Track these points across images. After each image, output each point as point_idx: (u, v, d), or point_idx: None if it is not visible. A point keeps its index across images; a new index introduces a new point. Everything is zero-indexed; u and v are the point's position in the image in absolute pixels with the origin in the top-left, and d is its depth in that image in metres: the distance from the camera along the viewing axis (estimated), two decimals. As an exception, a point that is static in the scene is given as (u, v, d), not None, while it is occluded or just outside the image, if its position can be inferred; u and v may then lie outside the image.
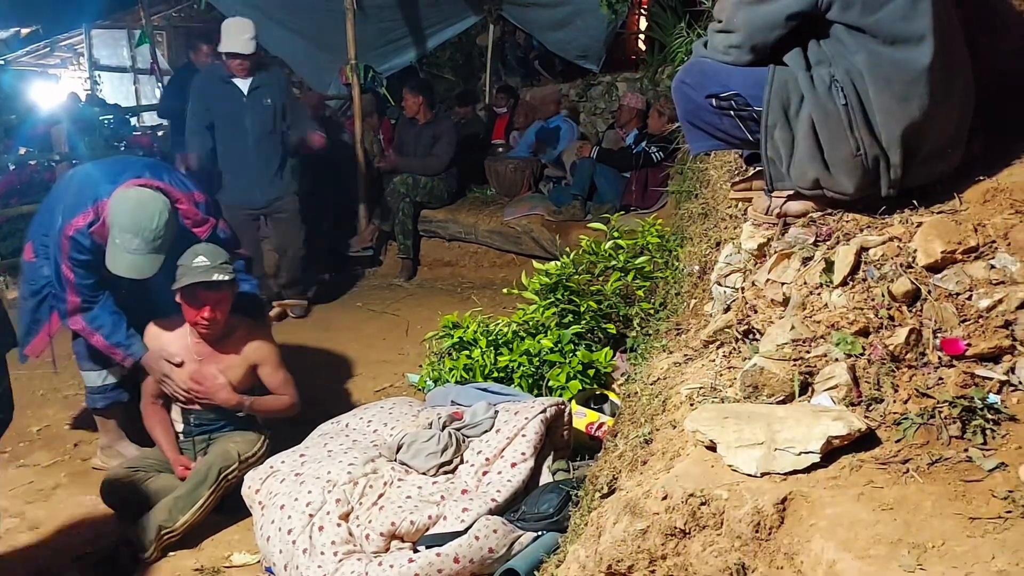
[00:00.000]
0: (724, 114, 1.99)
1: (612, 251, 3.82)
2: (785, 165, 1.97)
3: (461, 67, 9.12)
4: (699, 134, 2.11)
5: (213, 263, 3.09)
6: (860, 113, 1.85)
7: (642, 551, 1.49)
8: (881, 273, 1.75)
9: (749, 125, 1.97)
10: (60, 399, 4.33)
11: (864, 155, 1.86)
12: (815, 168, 1.92)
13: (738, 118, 1.97)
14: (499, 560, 2.45)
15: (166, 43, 12.00)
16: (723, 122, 2.01)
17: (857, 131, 1.85)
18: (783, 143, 1.93)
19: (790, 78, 1.89)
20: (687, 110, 2.08)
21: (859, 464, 1.46)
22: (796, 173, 1.96)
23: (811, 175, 1.94)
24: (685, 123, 2.12)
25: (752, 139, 2.00)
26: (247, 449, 3.18)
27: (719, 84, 1.97)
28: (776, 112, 1.91)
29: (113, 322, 3.26)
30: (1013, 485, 1.34)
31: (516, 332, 3.66)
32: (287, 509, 2.61)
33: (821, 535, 1.31)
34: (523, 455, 2.73)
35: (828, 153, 1.90)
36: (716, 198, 2.97)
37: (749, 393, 1.72)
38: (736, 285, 2.16)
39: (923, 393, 1.54)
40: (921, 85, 1.82)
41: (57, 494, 3.37)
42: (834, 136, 1.88)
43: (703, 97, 1.99)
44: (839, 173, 1.91)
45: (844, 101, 1.84)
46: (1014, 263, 1.64)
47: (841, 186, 1.93)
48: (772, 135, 1.93)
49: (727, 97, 1.95)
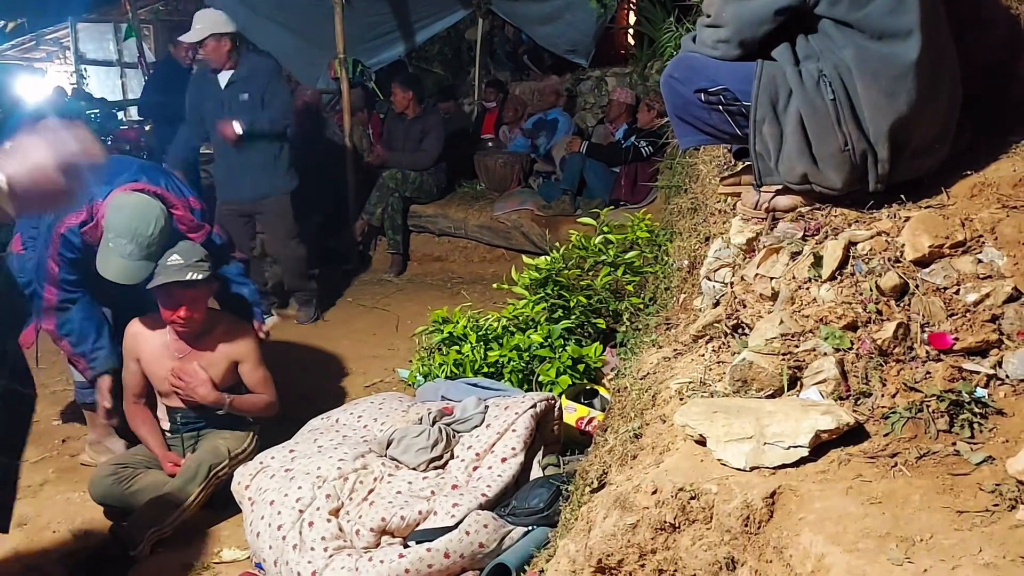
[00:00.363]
0: (713, 109, 1.99)
1: (602, 246, 3.82)
2: (773, 160, 1.97)
3: (450, 61, 9.09)
4: (688, 128, 2.11)
5: (187, 262, 3.05)
6: (848, 108, 1.85)
7: (632, 545, 1.50)
8: (869, 268, 1.76)
9: (737, 120, 1.98)
10: (48, 395, 4.29)
11: (852, 150, 1.87)
12: (803, 163, 1.93)
13: (727, 113, 1.97)
14: (489, 555, 2.45)
15: (153, 37, 11.94)
16: (712, 117, 2.02)
17: (845, 126, 1.86)
18: (771, 138, 1.94)
19: (778, 73, 1.89)
20: (676, 104, 2.08)
21: (847, 458, 1.47)
22: (784, 168, 1.97)
23: (799, 170, 1.95)
24: (674, 117, 2.12)
25: (740, 134, 2.00)
26: (236, 446, 3.17)
27: (707, 79, 1.97)
28: (764, 107, 1.91)
29: (81, 330, 3.24)
30: (1000, 479, 1.34)
31: (506, 327, 3.66)
32: (277, 505, 2.60)
33: (810, 529, 1.31)
34: (513, 450, 2.73)
35: (816, 148, 1.91)
36: (705, 193, 2.98)
37: (738, 387, 1.72)
38: (725, 280, 2.17)
39: (911, 387, 1.55)
40: (908, 80, 1.83)
41: (45, 490, 3.35)
42: (822, 131, 1.88)
43: (692, 92, 2.00)
44: (827, 168, 1.92)
45: (832, 96, 1.85)
46: (1001, 257, 1.65)
47: (829, 181, 1.94)
48: (760, 130, 1.94)
49: (715, 92, 1.96)
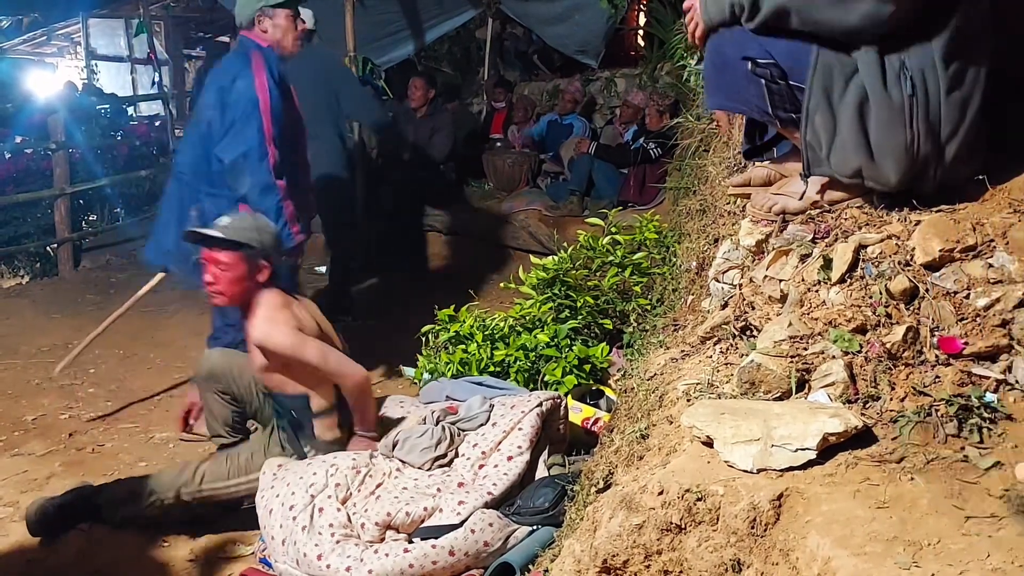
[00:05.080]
0: (754, 81, 1.90)
1: (610, 247, 3.82)
2: (825, 151, 1.89)
3: (459, 61, 9.10)
4: (719, 92, 2.04)
5: (228, 225, 2.90)
6: (924, 105, 1.77)
7: (637, 546, 1.50)
8: (879, 271, 1.75)
9: (775, 99, 1.90)
10: (56, 388, 4.32)
11: (917, 149, 1.80)
12: (859, 157, 1.85)
13: (767, 88, 1.89)
14: (494, 554, 2.45)
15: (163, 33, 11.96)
16: (749, 88, 1.92)
17: (916, 123, 1.78)
18: (824, 129, 1.86)
19: (835, 63, 1.81)
20: (716, 63, 1.99)
21: (855, 461, 1.46)
22: (837, 159, 1.89)
23: (854, 163, 1.86)
24: (709, 74, 2.04)
25: (771, 112, 1.93)
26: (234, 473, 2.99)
27: (761, 48, 1.87)
28: (818, 96, 1.83)
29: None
30: (1009, 484, 1.34)
31: (513, 327, 3.67)
32: (292, 486, 2.64)
33: (817, 532, 1.31)
34: (519, 448, 2.74)
35: (876, 142, 1.83)
36: (714, 194, 2.97)
37: (746, 389, 1.72)
38: (734, 281, 2.16)
39: (920, 391, 1.55)
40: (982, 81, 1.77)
41: (51, 484, 3.35)
42: (889, 125, 1.80)
43: (739, 56, 1.90)
44: (885, 163, 1.84)
45: (911, 91, 1.76)
46: (1012, 262, 1.64)
47: (884, 177, 1.86)
48: (813, 120, 1.86)
49: (765, 65, 1.87)
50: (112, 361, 4.74)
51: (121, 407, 4.15)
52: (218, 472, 2.96)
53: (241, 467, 2.96)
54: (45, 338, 5.11)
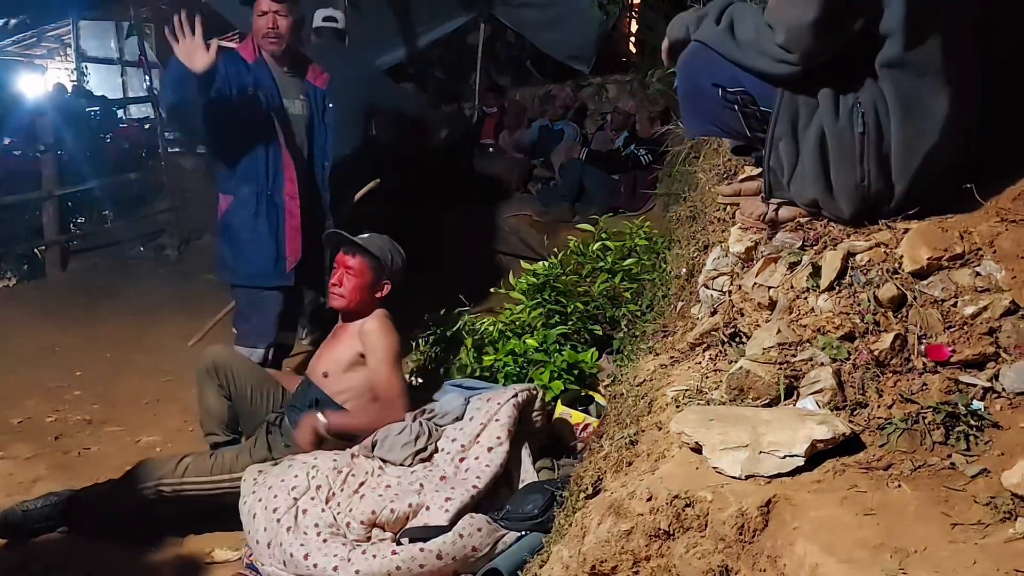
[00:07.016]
0: (728, 107, 1.93)
1: (600, 252, 3.82)
2: (786, 178, 1.92)
3: (451, 66, 9.11)
4: (696, 117, 2.06)
5: (373, 238, 3.19)
6: (875, 145, 1.78)
7: (626, 552, 1.49)
8: (867, 278, 1.75)
9: (751, 123, 1.92)
10: (42, 391, 4.29)
11: (868, 186, 1.82)
12: (816, 189, 1.87)
13: (741, 114, 1.92)
14: (482, 559, 2.45)
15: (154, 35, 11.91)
16: (724, 113, 1.95)
17: (867, 162, 1.80)
18: (787, 156, 1.89)
19: (801, 95, 1.83)
20: (688, 90, 2.02)
21: (843, 468, 1.47)
22: (796, 190, 1.92)
23: (810, 194, 1.90)
24: (684, 101, 2.06)
25: (750, 135, 1.96)
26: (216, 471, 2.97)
27: (729, 76, 1.89)
28: (784, 124, 1.85)
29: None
30: (995, 491, 1.34)
31: (502, 332, 3.66)
32: (274, 490, 2.65)
33: (804, 538, 1.31)
34: (498, 439, 2.75)
35: (834, 177, 1.85)
36: (704, 201, 2.98)
37: (735, 396, 1.72)
38: (723, 288, 2.17)
39: (907, 398, 1.55)
40: (940, 120, 1.76)
41: (37, 487, 3.32)
42: (842, 162, 1.82)
43: (709, 84, 1.93)
44: (840, 198, 1.86)
45: (862, 129, 1.77)
46: (999, 270, 1.65)
47: (839, 210, 1.89)
48: (777, 146, 1.88)
49: (735, 92, 1.89)
50: (99, 364, 4.71)
51: (108, 411, 4.12)
52: (202, 467, 2.95)
53: (225, 465, 2.95)
54: (32, 340, 5.08)
